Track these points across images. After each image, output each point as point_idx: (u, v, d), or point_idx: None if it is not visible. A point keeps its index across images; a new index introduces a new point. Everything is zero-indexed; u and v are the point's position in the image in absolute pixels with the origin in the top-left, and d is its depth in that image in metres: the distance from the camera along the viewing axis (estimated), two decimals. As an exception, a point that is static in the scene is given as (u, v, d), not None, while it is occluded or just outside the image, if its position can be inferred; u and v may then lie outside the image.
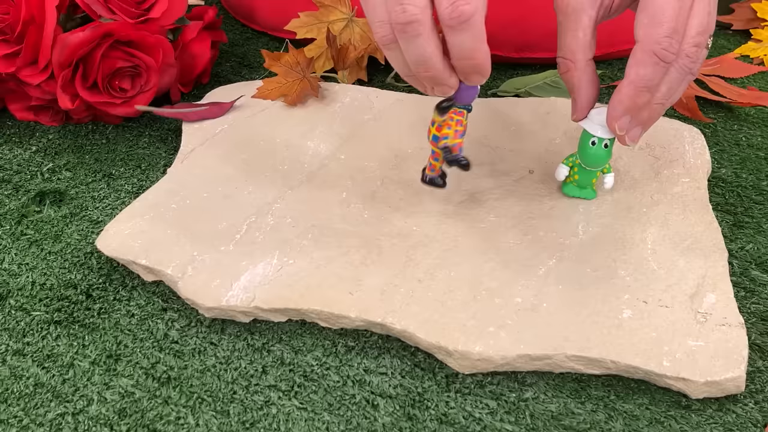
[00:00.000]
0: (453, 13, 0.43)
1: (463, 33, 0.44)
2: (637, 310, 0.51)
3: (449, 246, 0.56)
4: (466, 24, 0.43)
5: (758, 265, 0.56)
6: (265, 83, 0.72)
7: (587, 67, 0.51)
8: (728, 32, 0.86)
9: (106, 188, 0.65)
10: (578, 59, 0.51)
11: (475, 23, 0.44)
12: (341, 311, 0.51)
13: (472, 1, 0.43)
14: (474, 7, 0.43)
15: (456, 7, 0.43)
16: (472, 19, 0.43)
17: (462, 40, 0.44)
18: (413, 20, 0.44)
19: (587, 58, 0.51)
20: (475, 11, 0.43)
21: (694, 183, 0.60)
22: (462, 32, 0.44)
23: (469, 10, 0.43)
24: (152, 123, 0.73)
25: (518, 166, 0.63)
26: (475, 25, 0.44)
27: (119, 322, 0.53)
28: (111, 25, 0.66)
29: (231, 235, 0.57)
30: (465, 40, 0.44)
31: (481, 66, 0.47)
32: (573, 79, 0.52)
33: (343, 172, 0.63)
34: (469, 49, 0.45)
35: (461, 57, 0.46)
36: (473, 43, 0.45)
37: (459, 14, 0.43)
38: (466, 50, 0.45)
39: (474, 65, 0.47)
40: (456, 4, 0.43)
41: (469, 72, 0.47)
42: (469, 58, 0.46)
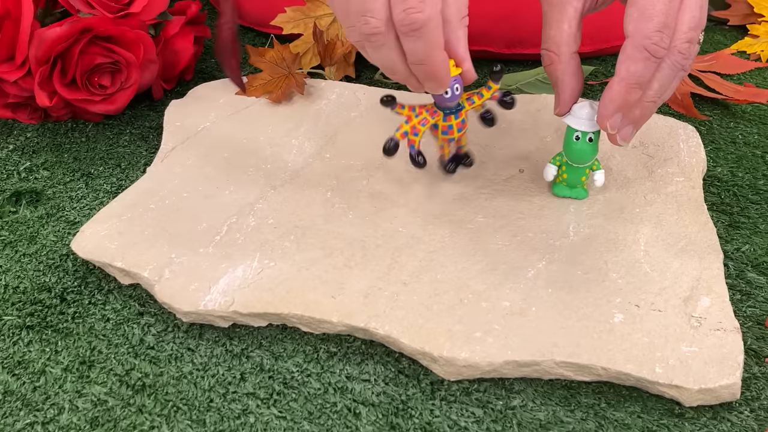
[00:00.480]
0: (405, 20, 0.42)
1: (416, 40, 0.44)
2: (629, 314, 0.49)
3: (436, 247, 0.54)
4: (419, 32, 0.43)
5: (754, 266, 0.55)
6: (250, 80, 0.70)
7: (571, 60, 0.50)
8: (725, 28, 0.84)
9: (85, 188, 0.63)
10: (562, 52, 0.49)
11: (428, 31, 0.43)
12: (323, 316, 0.49)
13: (426, 9, 0.42)
14: (426, 16, 0.42)
15: (408, 14, 0.42)
16: (424, 27, 0.43)
17: (414, 46, 0.44)
18: (376, 32, 0.44)
19: (571, 50, 0.50)
20: (427, 19, 0.43)
21: (688, 182, 0.59)
22: (415, 39, 0.44)
23: (421, 18, 0.42)
24: (133, 121, 0.71)
25: (508, 164, 0.61)
26: (429, 33, 0.43)
27: (94, 327, 0.52)
28: (90, 20, 0.64)
29: (211, 236, 0.55)
30: (417, 47, 0.44)
31: (435, 73, 0.46)
32: (556, 72, 0.51)
33: (328, 171, 0.61)
34: (421, 56, 0.45)
35: (414, 63, 0.45)
36: (426, 51, 0.44)
37: (411, 22, 0.42)
38: (419, 56, 0.45)
39: (428, 72, 0.46)
40: (408, 11, 0.42)
41: (424, 79, 0.47)
42: (422, 64, 0.45)
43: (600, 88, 0.74)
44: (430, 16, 0.43)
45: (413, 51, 0.44)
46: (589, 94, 0.73)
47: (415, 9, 0.42)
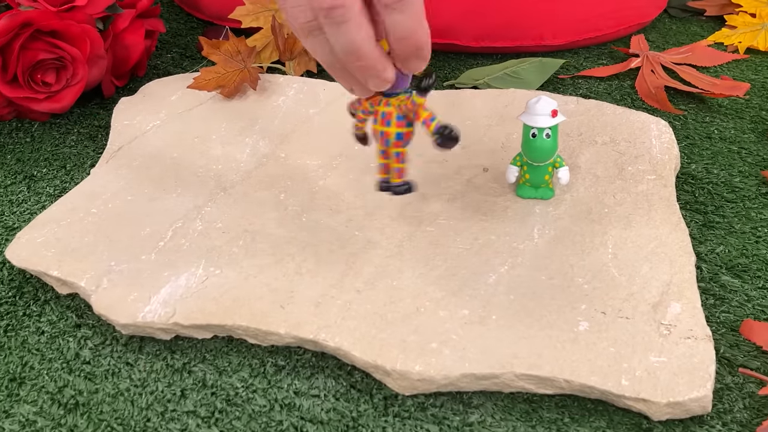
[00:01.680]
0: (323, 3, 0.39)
1: (402, 12, 0.40)
2: (595, 321, 0.46)
3: (393, 252, 0.51)
4: (404, 2, 0.39)
5: (729, 269, 0.52)
6: (203, 73, 0.67)
7: None
8: (701, 18, 0.81)
9: (26, 191, 0.60)
10: None
11: (414, 1, 0.40)
12: (270, 327, 0.46)
13: None
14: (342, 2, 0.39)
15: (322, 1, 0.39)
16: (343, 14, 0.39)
17: (401, 19, 0.40)
18: (339, 4, 0.39)
19: None
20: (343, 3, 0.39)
21: (660, 180, 0.56)
22: (400, 12, 0.40)
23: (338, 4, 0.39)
24: (82, 120, 0.68)
25: (471, 163, 0.58)
26: (414, 3, 0.40)
27: (27, 341, 0.48)
28: (31, 13, 0.61)
29: (154, 242, 0.52)
30: (404, 19, 0.40)
31: (423, 47, 0.42)
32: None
33: (282, 171, 0.58)
34: (408, 29, 0.41)
35: (401, 37, 0.41)
36: (412, 23, 0.40)
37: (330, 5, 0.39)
38: (406, 30, 0.41)
39: (415, 47, 0.42)
40: None
41: (409, 55, 0.43)
42: (409, 38, 0.41)
43: (572, 83, 0.71)
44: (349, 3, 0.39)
45: (400, 24, 0.41)
46: (560, 88, 0.70)
47: None
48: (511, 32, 0.73)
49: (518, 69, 0.70)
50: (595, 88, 0.70)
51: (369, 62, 0.42)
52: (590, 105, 0.63)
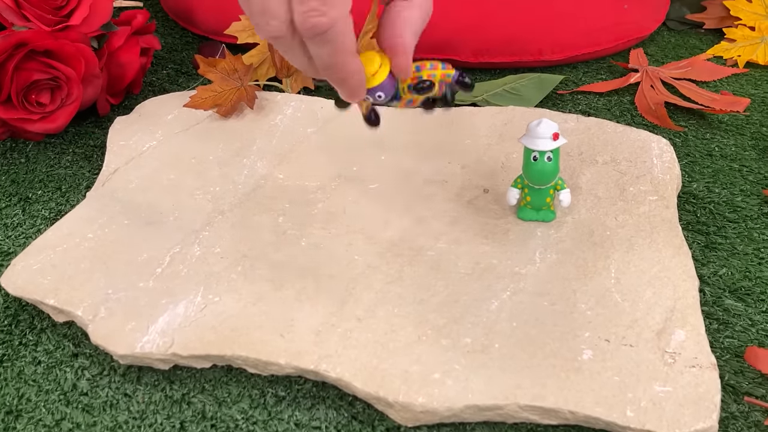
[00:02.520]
0: (305, 23, 0.37)
1: (321, 46, 0.39)
2: (599, 350, 0.45)
3: (393, 277, 0.51)
4: (322, 37, 0.38)
5: (732, 292, 0.51)
6: (199, 91, 0.66)
7: None
8: (700, 31, 0.81)
9: (21, 214, 0.59)
10: None
11: (334, 36, 0.38)
12: (270, 357, 0.45)
13: (329, 12, 0.37)
14: (330, 19, 0.37)
15: (307, 17, 0.37)
16: (329, 32, 0.38)
17: (320, 52, 0.39)
18: (278, 35, 0.39)
19: None
20: (331, 24, 0.37)
21: (662, 201, 0.55)
22: (319, 45, 0.39)
23: (324, 23, 0.37)
24: (77, 139, 0.67)
25: (471, 184, 0.58)
26: (334, 38, 0.38)
27: (23, 372, 0.48)
28: (25, 33, 0.60)
29: (151, 268, 0.51)
30: (323, 53, 0.39)
31: (347, 81, 0.41)
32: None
33: (281, 193, 0.58)
34: (327, 63, 0.40)
35: (323, 68, 0.40)
36: (333, 58, 0.39)
37: (311, 26, 0.37)
38: (325, 63, 0.40)
39: (338, 80, 0.41)
40: (307, 15, 0.37)
41: (336, 84, 0.42)
42: (329, 71, 0.40)
43: (571, 98, 0.71)
44: (335, 19, 0.37)
45: (319, 57, 0.40)
46: (559, 104, 0.70)
47: (316, 12, 0.37)
48: (510, 47, 0.72)
49: (517, 85, 0.69)
50: (594, 103, 0.70)
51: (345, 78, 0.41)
52: (590, 123, 0.63)
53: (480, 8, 0.72)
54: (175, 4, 0.81)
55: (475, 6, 0.72)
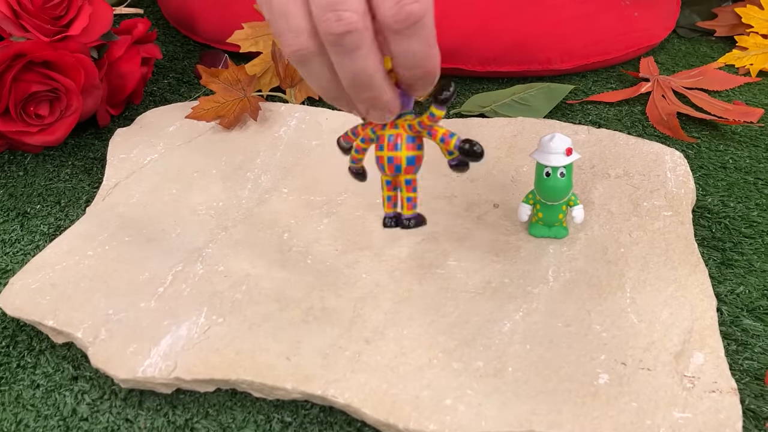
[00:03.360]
0: (399, 14, 0.35)
1: (412, 38, 0.36)
2: (615, 374, 0.44)
3: (402, 297, 0.49)
4: (415, 27, 0.36)
5: (750, 311, 0.50)
6: (202, 102, 0.64)
7: None
8: (711, 39, 0.80)
9: (20, 229, 0.58)
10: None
11: (426, 25, 0.36)
12: (276, 382, 0.44)
13: (422, 0, 0.35)
14: (424, 6, 0.35)
15: (402, 6, 0.35)
16: (422, 20, 0.36)
17: (411, 46, 0.37)
18: (352, 29, 0.35)
19: None
20: (425, 11, 0.35)
21: (677, 217, 0.54)
22: (411, 37, 0.36)
23: (419, 9, 0.35)
24: (76, 151, 0.65)
25: (481, 199, 0.57)
26: (426, 27, 0.36)
27: (21, 396, 0.46)
28: (23, 44, 0.59)
29: (153, 288, 0.50)
30: (415, 46, 0.37)
31: (432, 74, 0.39)
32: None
33: (286, 208, 0.56)
34: (420, 57, 0.37)
35: (410, 66, 0.38)
36: (424, 49, 0.37)
37: (407, 15, 0.35)
38: (417, 58, 0.37)
39: (424, 74, 0.39)
40: (402, 4, 0.35)
41: (417, 83, 0.39)
42: (420, 67, 0.38)
43: (581, 108, 0.69)
44: (427, 7, 0.35)
45: (410, 52, 0.37)
46: (569, 114, 0.68)
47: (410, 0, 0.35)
48: (519, 56, 0.71)
49: (526, 95, 0.68)
50: (605, 114, 0.68)
51: (375, 92, 0.39)
52: (602, 135, 0.61)
53: (487, 16, 0.70)
54: (177, 12, 0.80)
55: (483, 14, 0.70)
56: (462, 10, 0.70)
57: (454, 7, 0.70)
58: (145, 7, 0.86)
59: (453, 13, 0.70)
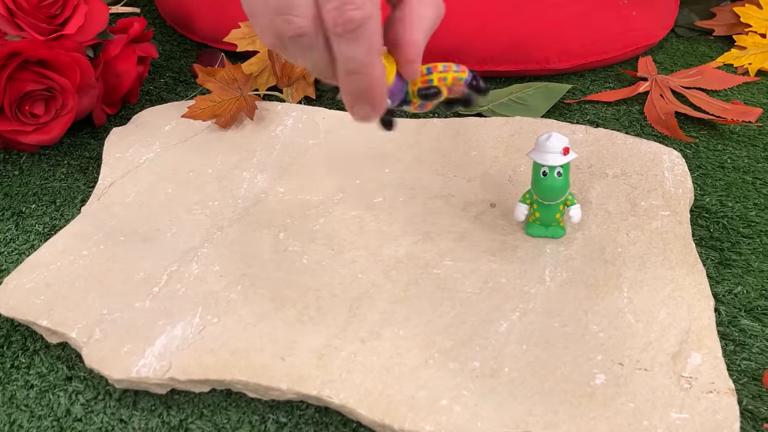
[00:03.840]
0: (339, 18, 0.35)
1: (354, 43, 0.36)
2: (612, 374, 0.44)
3: (398, 297, 0.49)
4: (356, 32, 0.36)
5: (748, 311, 0.50)
6: (198, 101, 0.64)
7: None
8: (709, 38, 0.79)
9: (14, 229, 0.57)
10: None
11: (367, 32, 0.36)
12: (271, 382, 0.44)
13: (364, 5, 0.35)
14: (366, 13, 0.35)
15: (343, 11, 0.35)
16: (363, 26, 0.36)
17: (350, 51, 0.37)
18: (302, 33, 0.36)
19: None
20: (367, 17, 0.36)
21: (674, 216, 0.54)
22: (351, 42, 0.36)
23: (360, 16, 0.35)
24: (72, 150, 0.65)
25: (478, 198, 0.56)
26: (367, 34, 0.36)
27: (15, 396, 0.46)
28: (19, 43, 0.58)
29: (148, 287, 0.50)
30: (355, 51, 0.37)
31: (371, 89, 0.38)
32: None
33: (282, 208, 0.56)
34: (360, 63, 0.37)
35: (350, 72, 0.38)
36: (365, 57, 0.37)
37: (347, 20, 0.35)
38: (357, 64, 0.37)
39: (364, 86, 0.38)
40: (343, 9, 0.35)
41: (357, 96, 0.39)
42: (360, 74, 0.38)
43: (578, 108, 0.69)
44: (370, 14, 0.36)
45: (349, 57, 0.37)
46: (567, 114, 0.68)
47: (352, 5, 0.35)
48: (516, 55, 0.71)
49: (524, 95, 0.68)
50: (602, 113, 0.68)
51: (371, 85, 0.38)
52: (600, 134, 0.61)
53: (485, 15, 0.70)
54: (173, 11, 0.80)
55: (481, 13, 0.70)
56: (460, 11, 0.70)
57: (453, 8, 0.69)
58: (141, 6, 0.86)
59: (451, 14, 0.69)
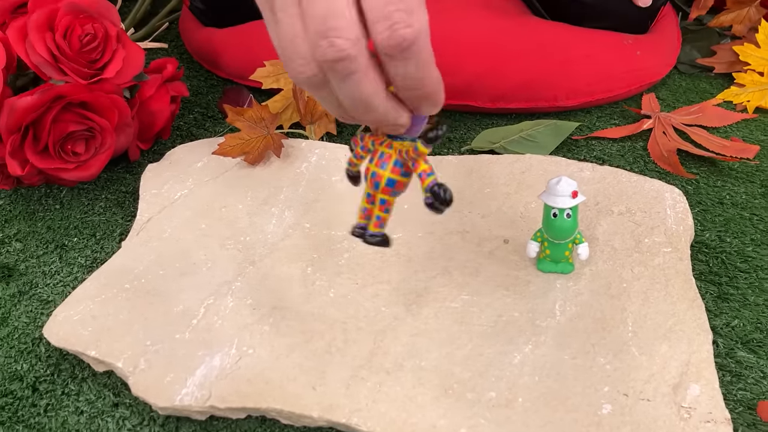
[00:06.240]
0: (391, 39, 0.35)
1: (407, 61, 0.36)
2: (618, 404, 0.48)
3: (419, 329, 0.53)
4: (409, 51, 0.36)
5: (744, 344, 0.54)
6: (227, 139, 0.68)
7: None
8: (710, 75, 0.83)
9: (58, 261, 0.61)
10: None
11: (420, 49, 0.36)
12: (303, 410, 0.48)
13: (414, 23, 0.35)
14: (416, 30, 0.35)
15: (395, 31, 0.35)
16: (415, 44, 0.36)
17: (406, 70, 0.37)
18: (344, 57, 0.36)
19: None
20: (417, 34, 0.36)
21: (676, 253, 0.58)
22: (405, 60, 0.36)
23: (411, 33, 0.35)
24: (109, 185, 0.69)
25: (492, 234, 0.60)
26: (421, 50, 0.36)
27: (67, 421, 0.50)
28: (62, 87, 0.62)
29: (187, 320, 0.54)
30: (410, 69, 0.37)
31: (432, 95, 0.39)
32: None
33: (308, 243, 0.60)
34: (416, 79, 0.37)
35: (407, 88, 0.38)
36: (420, 72, 0.37)
37: (400, 40, 0.35)
38: (413, 80, 0.38)
39: (424, 95, 0.39)
40: (395, 28, 0.35)
41: (419, 103, 0.40)
42: (417, 89, 0.38)
43: (585, 144, 0.73)
44: (420, 30, 0.35)
45: (406, 75, 0.37)
46: (574, 149, 0.72)
47: (403, 23, 0.35)
48: (526, 93, 0.75)
49: (534, 132, 0.72)
50: (608, 149, 0.72)
51: (379, 115, 0.39)
52: (606, 172, 0.65)
53: (497, 56, 0.74)
54: (201, 48, 0.84)
55: (493, 54, 0.74)
56: (474, 51, 0.74)
57: (467, 48, 0.74)
58: (169, 41, 0.90)
59: (465, 54, 0.73)
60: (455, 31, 0.74)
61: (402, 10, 0.35)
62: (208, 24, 0.83)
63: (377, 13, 0.35)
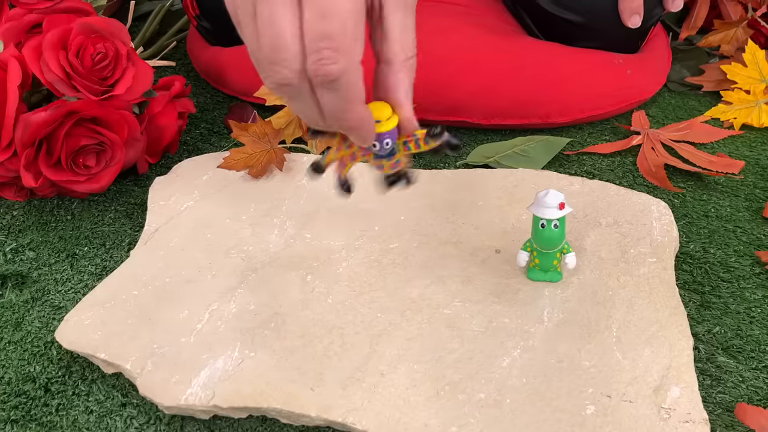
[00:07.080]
0: (318, 71, 0.39)
1: (332, 93, 0.40)
2: (601, 405, 0.50)
3: (413, 334, 0.55)
4: (332, 84, 0.39)
5: (724, 350, 0.56)
6: (232, 153, 0.71)
7: None
8: (699, 93, 0.86)
9: (70, 269, 0.64)
10: None
11: (343, 85, 0.40)
12: (301, 410, 0.50)
13: (341, 60, 0.38)
14: (341, 68, 0.39)
15: (321, 65, 0.39)
16: (339, 80, 0.39)
17: (329, 99, 0.40)
18: (287, 83, 0.40)
19: None
20: (342, 72, 0.39)
21: (660, 263, 0.60)
22: (330, 92, 0.40)
23: (335, 70, 0.39)
24: (118, 197, 0.72)
25: (484, 244, 0.63)
26: (343, 86, 0.40)
27: (77, 420, 0.53)
28: (75, 104, 0.66)
29: (192, 324, 0.56)
30: (332, 100, 0.40)
31: (356, 129, 0.42)
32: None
33: (309, 252, 0.63)
34: (337, 111, 0.41)
35: (331, 117, 0.42)
36: (341, 105, 0.41)
37: (324, 74, 0.39)
38: (335, 111, 0.41)
39: (347, 128, 0.42)
40: (321, 62, 0.38)
41: (347, 133, 0.44)
42: (341, 120, 0.42)
43: (576, 159, 0.75)
44: (346, 69, 0.39)
45: (328, 104, 0.41)
46: (566, 164, 0.75)
47: (329, 60, 0.38)
48: (520, 111, 0.77)
49: (526, 147, 0.75)
50: (598, 164, 0.75)
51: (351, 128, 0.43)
52: (595, 186, 0.68)
53: (491, 74, 0.77)
54: (207, 66, 0.87)
55: (487, 72, 0.77)
56: (470, 70, 0.77)
57: (463, 67, 0.77)
58: (177, 60, 0.94)
59: (462, 73, 0.76)
60: (452, 50, 0.77)
61: (331, 48, 0.38)
62: (214, 43, 0.87)
63: (311, 46, 0.38)
